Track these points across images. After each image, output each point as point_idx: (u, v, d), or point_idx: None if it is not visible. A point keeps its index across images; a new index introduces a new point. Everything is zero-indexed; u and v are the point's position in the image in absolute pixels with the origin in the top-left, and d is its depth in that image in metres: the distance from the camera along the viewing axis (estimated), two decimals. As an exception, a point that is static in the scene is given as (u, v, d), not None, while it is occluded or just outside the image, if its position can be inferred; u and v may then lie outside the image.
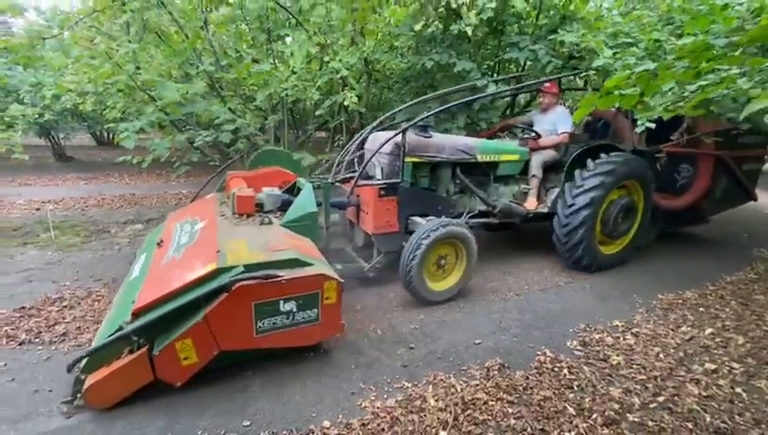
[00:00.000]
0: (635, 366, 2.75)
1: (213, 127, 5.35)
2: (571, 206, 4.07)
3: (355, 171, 3.97)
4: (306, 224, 3.19)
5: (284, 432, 2.12)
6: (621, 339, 3.11)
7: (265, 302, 2.38)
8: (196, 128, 5.65)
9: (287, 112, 6.23)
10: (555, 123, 4.46)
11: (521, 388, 2.51)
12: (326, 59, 4.73)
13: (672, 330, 3.24)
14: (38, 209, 6.63)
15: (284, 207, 3.41)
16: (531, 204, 4.38)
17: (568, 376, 2.64)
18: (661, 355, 2.89)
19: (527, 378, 2.61)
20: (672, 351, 2.95)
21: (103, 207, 6.95)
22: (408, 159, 3.73)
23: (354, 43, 4.85)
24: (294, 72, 4.75)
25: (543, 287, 4.02)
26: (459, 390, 2.47)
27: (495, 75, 6.61)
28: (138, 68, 4.84)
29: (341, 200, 3.82)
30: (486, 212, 4.28)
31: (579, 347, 3.00)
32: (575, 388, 2.53)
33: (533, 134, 4.48)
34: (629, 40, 4.14)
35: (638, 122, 3.29)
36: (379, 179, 3.88)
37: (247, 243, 2.73)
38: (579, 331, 3.24)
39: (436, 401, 2.36)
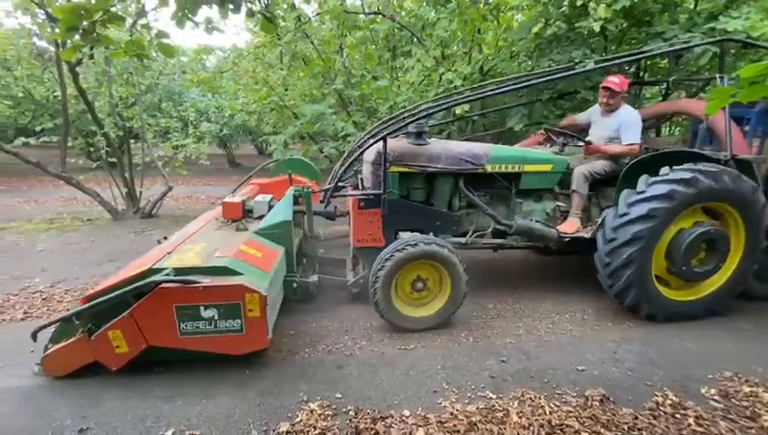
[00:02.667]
0: (800, 435, 2.14)
1: (341, 138, 6.06)
2: (623, 215, 3.12)
3: (349, 180, 3.76)
4: (279, 232, 3.21)
5: (368, 410, 2.32)
6: (787, 399, 2.43)
7: (186, 306, 2.43)
8: (327, 139, 6.46)
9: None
10: (619, 131, 3.57)
11: (625, 426, 2.21)
12: (441, 70, 4.90)
13: None
14: (213, 203, 8.46)
15: None
16: (569, 226, 3.55)
17: (693, 427, 2.21)
18: None
19: (636, 418, 2.28)
20: None
21: (256, 205, 8.46)
22: (393, 169, 3.36)
23: (469, 53, 4.91)
24: (411, 85, 5.04)
25: (682, 322, 3.37)
26: (548, 412, 2.31)
27: (643, 73, 5.81)
28: (285, 90, 5.82)
29: (328, 210, 3.59)
30: (505, 232, 3.63)
31: (717, 397, 2.46)
32: (701, 442, 2.11)
33: (577, 141, 3.68)
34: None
35: None
36: (364, 190, 3.59)
37: (204, 247, 2.87)
38: (722, 379, 2.65)
39: (520, 417, 2.26)
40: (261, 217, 3.50)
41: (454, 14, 4.74)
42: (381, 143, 3.20)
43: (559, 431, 2.16)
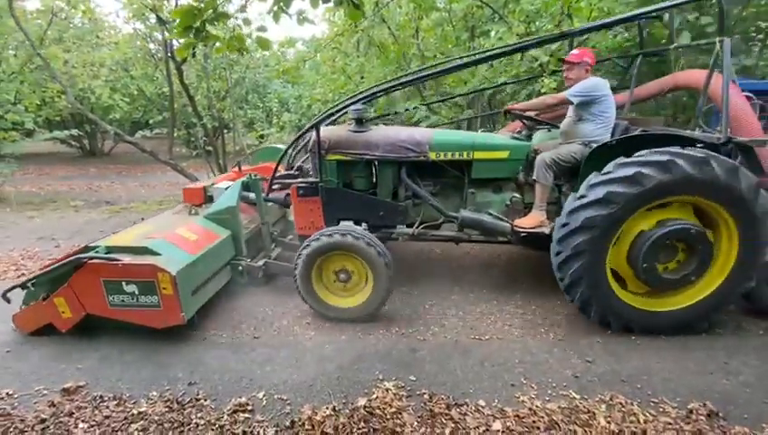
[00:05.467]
0: None
1: (415, 123, 6.03)
2: (580, 198, 2.69)
3: (295, 168, 3.66)
4: (224, 217, 3.40)
5: (442, 396, 2.33)
6: None
7: (111, 280, 2.70)
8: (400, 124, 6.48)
9: (485, 105, 6.35)
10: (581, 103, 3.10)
11: (739, 447, 1.95)
12: (526, 48, 4.59)
13: None
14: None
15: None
16: (529, 220, 3.16)
17: (832, 459, 1.87)
18: None
19: (753, 439, 1.99)
20: None
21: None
22: (331, 157, 3.30)
23: (559, 26, 4.51)
24: (491, 66, 4.81)
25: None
26: (642, 421, 2.12)
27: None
28: (362, 77, 5.92)
29: (281, 198, 3.60)
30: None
31: None
32: (843, 478, 1.78)
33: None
34: None
35: None
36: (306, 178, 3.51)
37: (149, 229, 3.20)
38: None
39: (608, 422, 2.10)
40: None
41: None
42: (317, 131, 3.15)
43: (655, 442, 1.98)
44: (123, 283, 2.71)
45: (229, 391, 2.42)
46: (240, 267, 3.43)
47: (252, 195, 3.64)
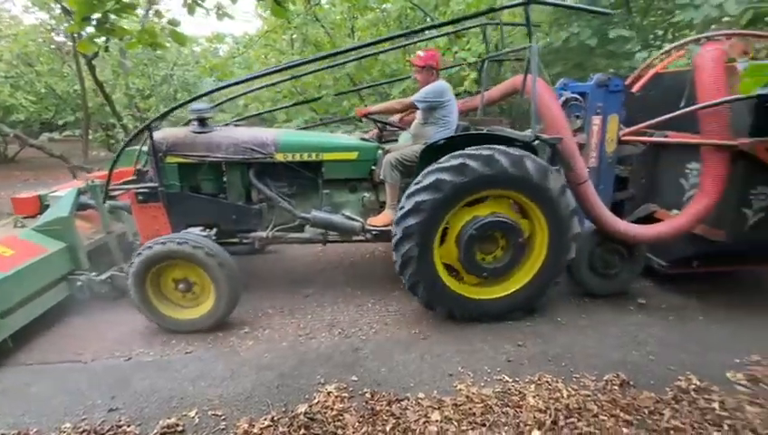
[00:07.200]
0: (834, 421, 2.06)
1: (354, 122, 6.01)
2: (401, 209, 2.88)
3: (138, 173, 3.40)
4: (56, 229, 3.14)
5: (384, 393, 2.35)
6: (820, 384, 2.35)
7: None
8: (339, 124, 6.43)
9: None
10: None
11: (645, 410, 2.18)
12: (454, 49, 4.78)
13: None
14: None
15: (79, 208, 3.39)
16: (381, 218, 3.26)
17: (718, 411, 2.16)
18: None
19: (657, 402, 2.24)
20: None
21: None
22: (171, 160, 3.16)
23: (484, 29, 4.75)
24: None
25: (713, 304, 3.28)
26: (565, 396, 2.29)
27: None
28: (293, 76, 5.78)
29: (125, 204, 3.42)
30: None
31: (744, 382, 2.40)
32: (725, 427, 2.06)
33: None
34: None
35: None
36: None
37: None
38: (750, 363, 2.57)
39: (537, 400, 2.25)
40: None
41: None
42: (160, 132, 2.99)
43: (576, 415, 2.15)
44: None
45: (157, 412, 2.24)
46: (79, 282, 3.14)
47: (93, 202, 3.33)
